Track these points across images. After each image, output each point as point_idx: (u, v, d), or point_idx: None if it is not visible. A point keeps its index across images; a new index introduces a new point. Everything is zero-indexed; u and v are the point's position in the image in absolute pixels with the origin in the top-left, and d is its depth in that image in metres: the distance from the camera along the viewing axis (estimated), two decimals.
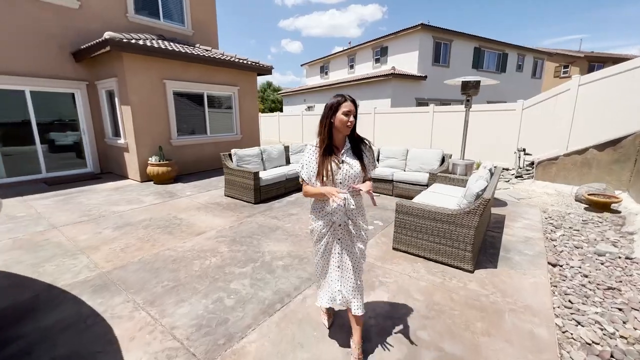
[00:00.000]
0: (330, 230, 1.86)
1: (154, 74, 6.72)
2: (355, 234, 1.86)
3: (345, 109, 1.70)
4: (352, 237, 1.87)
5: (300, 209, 4.99)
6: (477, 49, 17.50)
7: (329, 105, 1.75)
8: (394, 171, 5.87)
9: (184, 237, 3.87)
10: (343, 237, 1.86)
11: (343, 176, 1.75)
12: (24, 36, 6.27)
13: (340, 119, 1.71)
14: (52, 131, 7.01)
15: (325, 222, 1.84)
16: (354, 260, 1.88)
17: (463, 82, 4.94)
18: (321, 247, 1.91)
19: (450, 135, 9.01)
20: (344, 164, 1.76)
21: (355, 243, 1.87)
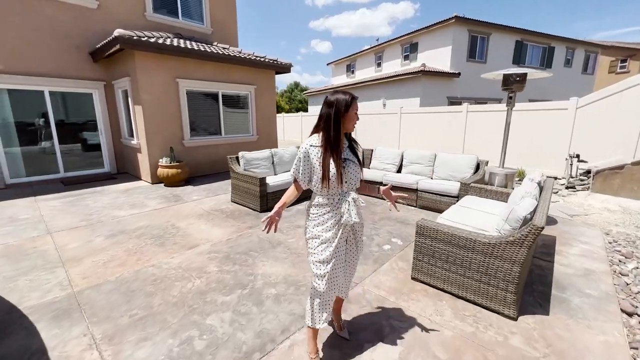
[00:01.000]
0: (338, 232, 1.75)
1: (167, 73, 6.51)
2: (359, 231, 1.89)
3: (356, 109, 1.69)
4: (356, 235, 1.88)
5: None
6: (519, 42, 15.95)
7: (342, 102, 1.63)
8: (419, 179, 5.15)
9: (175, 250, 3.48)
10: (349, 237, 1.85)
11: (349, 176, 1.71)
12: (41, 36, 6.32)
13: (351, 118, 1.66)
14: (70, 131, 7.07)
15: (332, 224, 1.73)
16: (356, 256, 1.94)
17: (505, 76, 4.13)
18: (328, 254, 1.74)
19: (486, 138, 8.02)
20: (349, 163, 1.72)
21: (358, 238, 1.90)
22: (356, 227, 1.85)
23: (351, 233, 1.84)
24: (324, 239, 1.73)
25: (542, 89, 17.35)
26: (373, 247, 3.58)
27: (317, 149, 1.67)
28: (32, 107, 6.52)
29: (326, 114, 1.65)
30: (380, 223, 4.36)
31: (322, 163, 1.64)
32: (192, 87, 7.03)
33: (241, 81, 7.99)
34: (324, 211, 1.74)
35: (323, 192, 1.71)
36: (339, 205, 1.71)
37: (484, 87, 15.49)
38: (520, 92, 4.11)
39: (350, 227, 1.80)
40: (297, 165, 1.73)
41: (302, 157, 1.70)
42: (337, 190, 1.71)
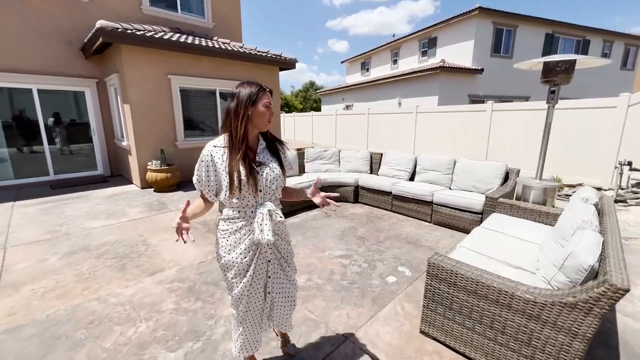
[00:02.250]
0: (255, 255, 1.47)
1: (157, 69, 6.02)
2: (283, 250, 1.59)
3: (266, 101, 1.39)
4: (283, 254, 1.59)
5: (302, 238, 3.79)
6: (549, 35, 14.62)
7: (245, 94, 1.35)
8: (435, 189, 4.37)
9: (134, 276, 2.90)
10: (273, 257, 1.55)
11: (264, 182, 1.42)
12: (30, 31, 5.98)
13: (260, 113, 1.37)
14: (61, 132, 6.72)
15: (247, 247, 1.44)
16: (287, 283, 1.64)
17: (547, 65, 3.29)
18: (246, 282, 1.48)
19: (514, 142, 7.06)
20: (264, 167, 1.42)
21: (289, 259, 1.63)
22: (279, 246, 1.55)
23: (276, 253, 1.55)
24: (239, 267, 1.44)
25: (577, 86, 15.87)
26: (374, 278, 2.87)
27: (221, 150, 1.37)
28: (20, 106, 6.20)
29: (228, 109, 1.39)
30: (385, 244, 3.63)
31: (227, 167, 1.35)
32: (187, 84, 6.52)
33: (241, 78, 7.42)
34: (236, 227, 1.43)
35: (233, 203, 1.41)
36: (250, 221, 1.43)
37: (509, 84, 14.32)
38: (567, 84, 3.27)
39: (271, 247, 1.51)
40: (199, 172, 1.39)
41: (203, 160, 1.37)
42: (252, 200, 1.41)
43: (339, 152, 5.94)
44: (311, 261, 3.19)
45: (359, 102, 18.87)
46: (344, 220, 4.47)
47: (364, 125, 12.56)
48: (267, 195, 1.44)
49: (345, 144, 14.18)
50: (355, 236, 3.86)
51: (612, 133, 5.57)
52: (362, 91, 18.46)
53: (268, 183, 1.43)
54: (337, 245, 3.58)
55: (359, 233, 3.97)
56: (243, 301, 1.50)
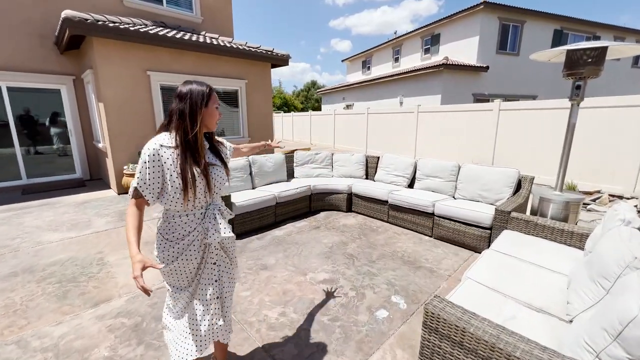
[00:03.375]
0: (204, 259, 1.44)
1: (135, 65, 5.55)
2: (230, 248, 1.56)
3: (217, 102, 1.40)
4: (229, 254, 1.56)
5: (282, 256, 3.29)
6: (558, 31, 14.00)
7: (198, 94, 1.32)
8: (437, 199, 3.85)
9: (73, 308, 2.42)
10: (219, 258, 1.51)
11: (214, 183, 1.41)
12: None
13: (212, 113, 1.38)
14: (35, 132, 6.27)
15: (197, 249, 1.39)
16: (231, 283, 1.59)
17: (571, 55, 2.76)
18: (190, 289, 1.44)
19: (524, 144, 6.50)
20: (212, 168, 1.41)
21: (233, 261, 1.60)
22: (226, 243, 1.53)
23: (222, 254, 1.52)
24: (188, 273, 1.41)
25: None
26: (361, 313, 2.36)
27: (170, 150, 1.28)
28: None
29: (179, 110, 1.30)
30: (378, 264, 3.12)
31: (181, 170, 1.27)
32: (168, 82, 6.04)
33: (229, 75, 6.94)
34: (184, 232, 1.37)
35: (181, 207, 1.34)
36: (203, 221, 1.40)
37: (516, 82, 13.74)
38: (596, 77, 2.74)
39: (219, 247, 1.49)
40: (143, 173, 1.27)
41: (148, 160, 1.26)
42: (203, 202, 1.40)
43: (331, 155, 5.43)
44: (289, 288, 2.70)
45: (360, 102, 18.35)
46: (334, 233, 3.96)
47: (363, 125, 12.03)
48: (215, 195, 1.44)
49: (344, 144, 13.66)
50: (344, 254, 3.35)
51: (637, 134, 5.00)
52: (363, 90, 17.94)
53: (217, 183, 1.43)
54: (322, 266, 3.08)
55: (349, 250, 3.46)
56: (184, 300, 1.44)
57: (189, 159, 1.29)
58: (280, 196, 4.18)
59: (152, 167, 1.26)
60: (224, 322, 1.54)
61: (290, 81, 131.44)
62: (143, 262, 1.19)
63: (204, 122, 1.35)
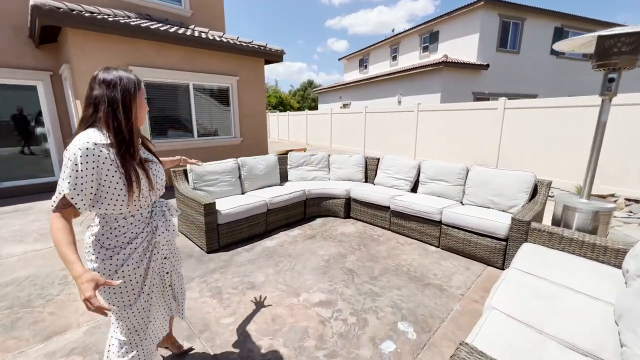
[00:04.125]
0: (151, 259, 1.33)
1: (115, 58, 5.13)
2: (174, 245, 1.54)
3: (145, 94, 1.30)
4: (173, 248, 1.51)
5: (273, 272, 2.91)
6: (559, 29, 13.75)
7: (130, 81, 1.19)
8: (444, 205, 3.49)
9: (19, 342, 2.02)
10: (169, 252, 1.46)
11: (157, 179, 1.34)
12: None
13: (142, 104, 1.27)
14: (8, 132, 5.82)
15: (142, 253, 1.29)
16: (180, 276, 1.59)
17: (601, 42, 2.41)
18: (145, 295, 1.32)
19: (533, 144, 6.16)
20: (150, 164, 1.32)
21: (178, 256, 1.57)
22: (170, 241, 1.46)
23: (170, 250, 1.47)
24: (135, 282, 1.28)
25: (583, 83, 15.06)
26: (363, 345, 1.99)
27: (106, 148, 1.13)
28: None
29: (109, 99, 1.13)
30: (381, 281, 2.76)
31: (124, 168, 1.15)
32: (152, 78, 5.63)
33: (220, 71, 6.54)
34: (132, 235, 1.26)
35: (125, 210, 1.22)
36: (151, 220, 1.32)
37: (516, 81, 13.48)
38: (632, 68, 2.40)
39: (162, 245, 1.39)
40: (74, 178, 1.08)
41: (81, 161, 1.08)
42: (149, 201, 1.31)
43: (328, 156, 5.06)
44: (279, 313, 2.32)
45: (357, 101, 18.00)
46: (331, 243, 3.59)
47: (360, 124, 11.67)
48: (158, 192, 1.37)
49: (341, 144, 13.30)
50: (342, 269, 2.98)
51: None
52: (360, 89, 17.59)
53: (158, 179, 1.35)
54: (317, 284, 2.70)
55: (347, 263, 3.09)
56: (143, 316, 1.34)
57: (131, 157, 1.18)
58: (271, 202, 3.80)
59: (86, 170, 1.09)
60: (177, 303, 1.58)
61: (287, 81, 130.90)
62: (95, 280, 1.01)
63: (138, 113, 1.23)
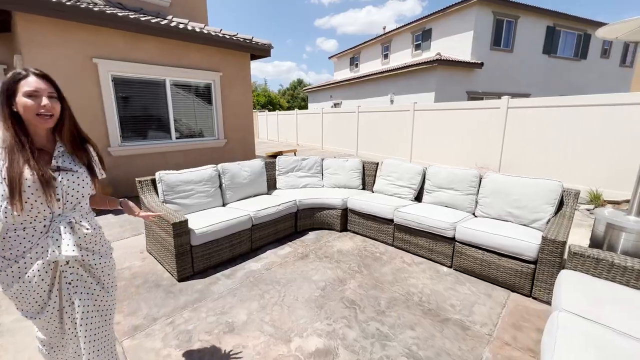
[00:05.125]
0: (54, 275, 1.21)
1: (78, 50, 4.49)
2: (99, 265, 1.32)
3: (28, 88, 1.11)
4: (94, 273, 1.31)
5: (257, 306, 2.38)
6: (551, 28, 13.61)
7: (3, 86, 1.11)
8: (457, 218, 3.03)
9: None
10: (75, 278, 1.24)
11: (64, 191, 1.20)
12: None
13: (24, 105, 1.10)
14: None
15: (38, 270, 1.17)
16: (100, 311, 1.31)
17: None
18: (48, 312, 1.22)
19: (541, 147, 5.74)
20: (63, 173, 1.20)
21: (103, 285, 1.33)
22: (90, 262, 1.28)
23: (82, 274, 1.26)
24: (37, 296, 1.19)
25: (573, 83, 15.03)
26: None
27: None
28: None
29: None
30: (390, 317, 2.26)
31: (6, 172, 1.06)
32: (123, 72, 5.00)
33: (201, 66, 5.94)
34: (23, 248, 1.15)
35: (15, 218, 1.13)
36: (45, 235, 1.18)
37: (510, 80, 13.28)
38: None
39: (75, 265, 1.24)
40: None
41: None
42: (45, 212, 1.17)
43: (321, 161, 4.55)
44: None
45: (348, 100, 17.55)
46: (327, 264, 3.08)
47: (353, 124, 11.20)
48: (68, 204, 1.22)
49: (333, 145, 12.81)
50: (342, 300, 2.48)
51: None
52: (352, 88, 17.15)
53: (69, 190, 1.21)
54: (313, 323, 2.19)
55: (348, 292, 2.59)
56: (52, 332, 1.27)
57: (17, 162, 1.08)
58: (257, 217, 3.26)
59: None
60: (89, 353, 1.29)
61: (276, 80, 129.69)
62: None
63: (25, 118, 1.12)
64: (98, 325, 1.28)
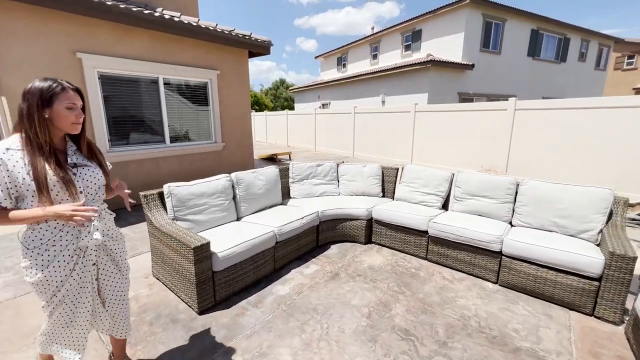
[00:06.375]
0: (78, 263, 1.36)
1: (59, 42, 3.92)
2: (116, 250, 1.53)
3: (68, 102, 1.26)
4: (114, 256, 1.52)
5: (300, 342, 2.03)
6: (535, 31, 14.00)
7: (36, 92, 1.20)
8: (501, 229, 2.81)
9: None
10: (100, 260, 1.46)
11: (86, 183, 1.36)
12: None
13: (59, 115, 1.25)
14: None
15: (69, 256, 1.32)
16: (120, 283, 1.55)
17: None
18: (67, 293, 1.35)
19: (552, 149, 5.66)
20: (81, 168, 1.35)
21: (120, 265, 1.55)
22: (110, 246, 1.50)
23: (104, 256, 1.47)
24: (60, 280, 1.31)
25: (555, 85, 15.59)
26: None
27: (18, 153, 1.22)
28: None
29: (20, 110, 1.23)
30: (455, 349, 1.98)
31: (33, 172, 1.20)
32: (111, 69, 4.45)
33: (196, 63, 5.45)
34: (52, 240, 1.28)
35: None
36: (73, 226, 1.30)
37: (497, 82, 13.55)
38: None
39: (99, 249, 1.45)
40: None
41: None
42: None
43: (337, 166, 4.23)
44: None
45: (337, 100, 17.33)
46: (363, 284, 2.77)
47: (349, 126, 10.96)
48: (89, 196, 1.37)
49: (327, 147, 12.51)
50: (394, 329, 2.18)
51: None
52: (341, 88, 16.92)
53: (88, 183, 1.36)
54: None
55: (397, 319, 2.29)
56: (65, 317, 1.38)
57: (40, 161, 1.21)
58: (281, 232, 2.90)
59: (10, 171, 1.19)
60: (113, 320, 1.56)
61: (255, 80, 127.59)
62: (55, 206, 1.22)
63: (54, 124, 1.25)
64: (120, 297, 1.56)
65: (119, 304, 1.56)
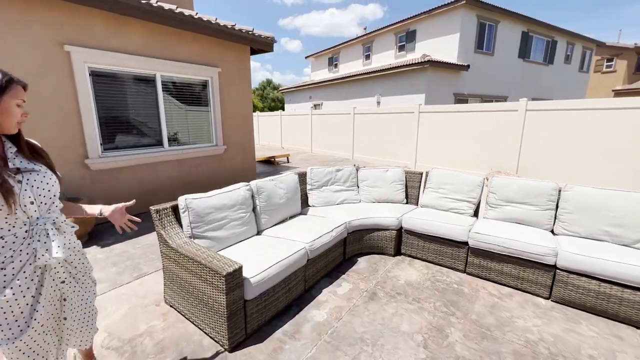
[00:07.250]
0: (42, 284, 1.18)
1: (44, 33, 3.44)
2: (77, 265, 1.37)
3: (20, 99, 1.14)
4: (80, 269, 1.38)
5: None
6: (525, 33, 14.21)
7: None
8: (552, 240, 2.59)
9: None
10: (67, 274, 1.31)
11: (35, 193, 1.15)
12: None
13: (12, 112, 1.12)
14: None
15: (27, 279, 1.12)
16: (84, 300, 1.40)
17: None
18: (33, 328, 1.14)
19: (566, 152, 5.54)
20: (28, 174, 1.15)
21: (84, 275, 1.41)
22: (74, 261, 1.34)
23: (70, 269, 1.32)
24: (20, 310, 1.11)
25: (543, 87, 15.92)
26: None
27: None
28: None
29: None
30: None
31: None
32: (103, 64, 3.98)
33: (196, 60, 5.03)
34: (7, 257, 1.09)
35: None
36: (30, 240, 1.13)
37: (490, 83, 13.65)
38: None
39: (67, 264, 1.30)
40: None
41: None
42: (22, 218, 1.12)
43: (356, 172, 3.94)
44: None
45: (330, 101, 17.06)
46: (406, 304, 2.48)
47: (348, 127, 10.70)
48: (43, 206, 1.19)
49: (324, 149, 12.21)
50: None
51: None
52: (334, 88, 16.66)
53: (42, 192, 1.18)
54: None
55: (458, 348, 2.02)
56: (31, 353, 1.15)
57: None
58: (312, 249, 2.57)
59: None
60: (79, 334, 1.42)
61: None
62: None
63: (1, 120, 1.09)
64: (88, 310, 1.43)
65: (84, 320, 1.43)
